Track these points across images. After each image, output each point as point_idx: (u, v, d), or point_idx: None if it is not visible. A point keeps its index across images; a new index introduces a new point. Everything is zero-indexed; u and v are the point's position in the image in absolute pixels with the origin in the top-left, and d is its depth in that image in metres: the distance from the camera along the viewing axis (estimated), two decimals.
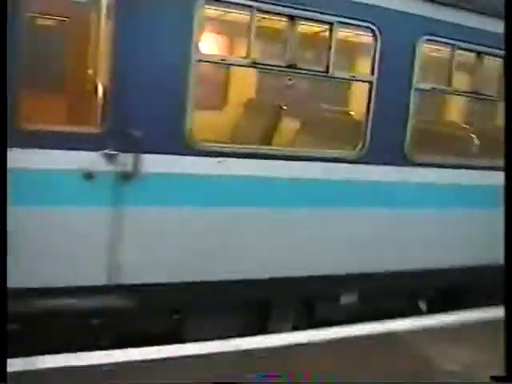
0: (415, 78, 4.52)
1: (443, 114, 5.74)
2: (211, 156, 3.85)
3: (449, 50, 4.66)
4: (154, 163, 3.65)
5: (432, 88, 4.72)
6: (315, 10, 4.00)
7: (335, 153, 4.39)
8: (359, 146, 4.43)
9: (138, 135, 3.57)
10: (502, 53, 3.85)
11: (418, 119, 4.71)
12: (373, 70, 4.35)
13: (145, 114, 3.61)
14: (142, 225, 3.71)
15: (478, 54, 4.84)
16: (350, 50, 4.32)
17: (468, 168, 5.05)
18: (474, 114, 5.61)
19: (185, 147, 3.75)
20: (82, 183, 3.53)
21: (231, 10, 3.97)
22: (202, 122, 3.89)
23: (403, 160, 4.62)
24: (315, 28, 4.22)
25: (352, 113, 4.64)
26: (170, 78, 3.66)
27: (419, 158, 4.68)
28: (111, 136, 3.55)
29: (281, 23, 4.03)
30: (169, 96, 3.67)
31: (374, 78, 4.35)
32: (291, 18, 3.95)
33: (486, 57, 4.81)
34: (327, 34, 4.10)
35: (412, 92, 4.53)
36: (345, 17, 4.11)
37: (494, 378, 3.25)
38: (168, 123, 3.70)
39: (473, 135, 5.22)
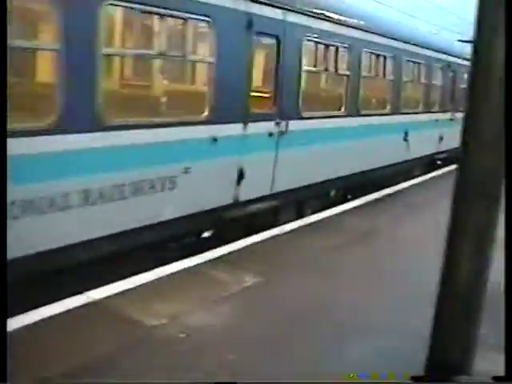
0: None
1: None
2: (306, 119, 7.45)
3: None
4: (292, 125, 7.08)
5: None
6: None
7: (339, 112, 8.43)
8: (343, 108, 8.54)
9: (286, 112, 6.97)
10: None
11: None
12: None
13: (286, 102, 7.00)
14: (289, 158, 7.12)
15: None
16: None
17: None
18: None
19: (299, 116, 7.27)
20: (269, 139, 6.78)
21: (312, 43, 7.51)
22: (303, 103, 7.41)
23: (357, 113, 8.88)
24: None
25: (340, 91, 8.64)
26: (294, 83, 7.10)
27: (364, 111, 9.01)
28: (277, 112, 6.86)
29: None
30: (295, 93, 7.13)
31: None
32: (326, 46, 7.76)
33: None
34: None
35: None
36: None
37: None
38: (294, 105, 7.17)
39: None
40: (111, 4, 4.55)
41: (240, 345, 3.94)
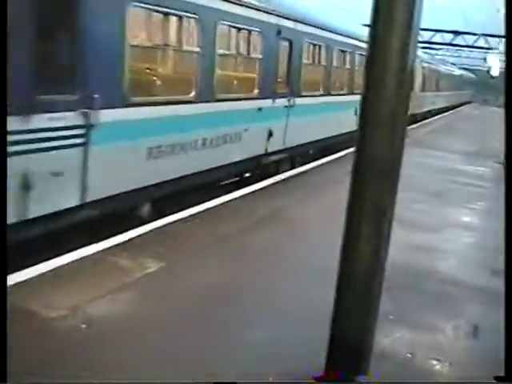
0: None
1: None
2: (304, 97, 10.61)
3: None
4: (296, 101, 10.21)
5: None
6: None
7: (319, 92, 11.68)
8: (321, 89, 11.80)
9: (294, 91, 10.10)
10: None
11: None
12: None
13: (294, 85, 10.13)
14: (293, 124, 10.25)
15: None
16: None
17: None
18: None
19: (300, 94, 10.43)
20: (284, 110, 9.88)
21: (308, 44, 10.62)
22: (302, 85, 10.55)
23: (328, 93, 12.17)
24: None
25: (320, 77, 11.83)
26: (298, 72, 10.24)
27: (332, 91, 12.33)
28: (289, 92, 9.97)
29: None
30: (298, 78, 10.28)
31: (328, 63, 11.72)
32: (314, 46, 10.94)
33: None
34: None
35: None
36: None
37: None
38: (298, 87, 10.33)
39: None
40: (221, 24, 7.46)
41: (141, 334, 3.93)
